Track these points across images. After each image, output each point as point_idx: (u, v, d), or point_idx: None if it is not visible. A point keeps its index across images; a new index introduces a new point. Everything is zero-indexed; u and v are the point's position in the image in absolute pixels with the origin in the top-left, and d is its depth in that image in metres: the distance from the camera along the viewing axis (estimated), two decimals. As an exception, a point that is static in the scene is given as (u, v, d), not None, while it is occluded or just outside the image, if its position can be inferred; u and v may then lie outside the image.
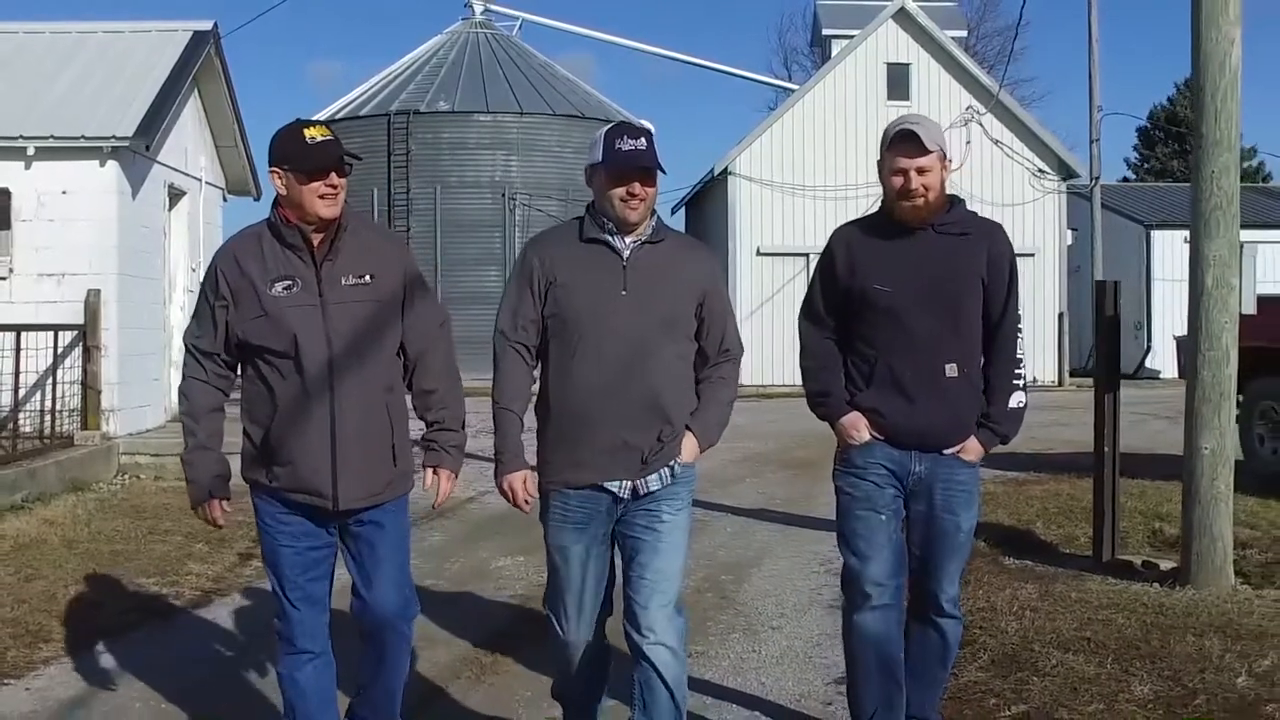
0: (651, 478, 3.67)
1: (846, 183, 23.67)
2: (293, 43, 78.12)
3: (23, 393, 10.38)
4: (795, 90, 27.26)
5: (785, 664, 5.32)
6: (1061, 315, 24.91)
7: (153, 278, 12.23)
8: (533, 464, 3.76)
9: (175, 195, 13.10)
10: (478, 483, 9.48)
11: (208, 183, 13.93)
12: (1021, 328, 3.97)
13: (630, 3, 73.82)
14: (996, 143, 24.89)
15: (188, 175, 13.28)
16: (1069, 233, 25.56)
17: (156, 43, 12.80)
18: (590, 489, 3.68)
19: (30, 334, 10.45)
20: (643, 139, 3.63)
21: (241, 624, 6.07)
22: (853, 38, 25.55)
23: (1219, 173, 6.36)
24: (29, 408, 10.67)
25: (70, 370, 10.94)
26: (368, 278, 3.65)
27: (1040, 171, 25.22)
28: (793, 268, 24.30)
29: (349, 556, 3.76)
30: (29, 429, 10.63)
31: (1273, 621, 5.64)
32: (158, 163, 12.20)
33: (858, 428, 3.91)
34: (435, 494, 3.80)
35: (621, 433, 3.62)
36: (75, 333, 10.92)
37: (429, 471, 3.79)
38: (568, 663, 3.85)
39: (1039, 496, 9.32)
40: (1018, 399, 3.94)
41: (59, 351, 10.83)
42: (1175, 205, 26.81)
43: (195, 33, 12.95)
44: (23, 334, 10.30)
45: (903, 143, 3.81)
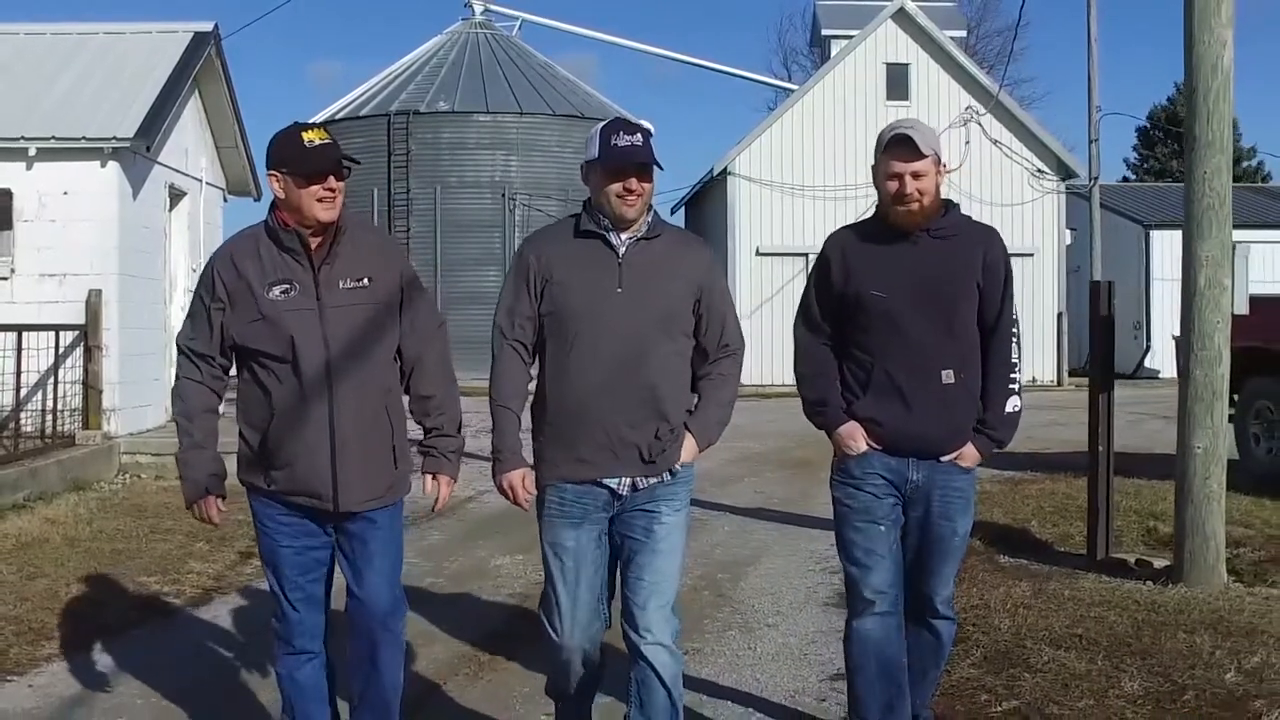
0: (652, 476, 3.68)
1: (846, 183, 23.66)
2: (293, 43, 78.23)
3: (24, 392, 10.43)
4: (795, 90, 27.29)
5: (781, 661, 5.36)
6: (1060, 315, 24.91)
7: (153, 278, 12.29)
8: (531, 461, 3.77)
9: (176, 196, 13.15)
10: (477, 482, 9.50)
11: (208, 183, 13.98)
12: (1017, 332, 3.95)
13: (630, 3, 73.94)
14: (996, 143, 24.88)
15: (188, 176, 13.33)
16: (1068, 233, 25.55)
17: (157, 44, 12.85)
18: (588, 484, 3.67)
19: (32, 334, 10.51)
20: (639, 134, 3.61)
21: (242, 622, 6.10)
22: (852, 38, 25.55)
23: (1211, 174, 6.40)
24: (30, 407, 10.72)
25: (71, 370, 10.99)
26: (365, 281, 3.65)
27: (1039, 171, 25.21)
28: (792, 268, 24.32)
29: (341, 554, 3.75)
30: (30, 428, 10.69)
31: (1263, 618, 5.69)
32: (158, 163, 12.26)
33: (855, 438, 3.89)
34: (434, 499, 3.82)
35: (618, 430, 3.61)
36: (76, 333, 10.98)
37: (428, 478, 3.81)
38: (562, 662, 3.83)
39: (1035, 495, 9.38)
40: (1014, 404, 3.92)
41: (60, 351, 10.89)
42: (1174, 205, 26.73)
43: (196, 34, 13.00)
44: (24, 334, 10.37)
45: (897, 147, 3.81)
